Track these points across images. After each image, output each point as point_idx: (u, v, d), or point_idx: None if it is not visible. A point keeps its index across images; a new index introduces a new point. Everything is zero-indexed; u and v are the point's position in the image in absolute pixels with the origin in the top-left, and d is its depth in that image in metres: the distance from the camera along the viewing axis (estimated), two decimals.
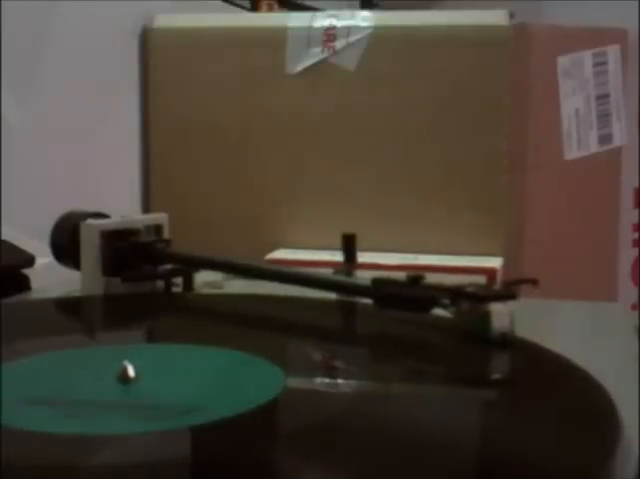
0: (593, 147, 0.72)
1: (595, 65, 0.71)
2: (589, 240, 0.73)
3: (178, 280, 0.51)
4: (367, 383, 0.35)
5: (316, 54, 0.71)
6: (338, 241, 0.51)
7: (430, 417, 0.30)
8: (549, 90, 0.70)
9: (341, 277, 0.48)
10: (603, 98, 0.72)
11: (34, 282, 0.53)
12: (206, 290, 0.52)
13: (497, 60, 0.68)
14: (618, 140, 0.73)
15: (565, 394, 0.32)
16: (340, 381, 0.36)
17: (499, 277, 0.64)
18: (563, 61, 0.70)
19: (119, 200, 0.72)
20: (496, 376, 0.38)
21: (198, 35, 0.74)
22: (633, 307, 0.75)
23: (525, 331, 0.38)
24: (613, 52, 0.71)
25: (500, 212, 0.69)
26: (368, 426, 0.29)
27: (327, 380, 0.36)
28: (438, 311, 0.42)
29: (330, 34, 0.71)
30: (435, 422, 0.30)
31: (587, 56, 0.71)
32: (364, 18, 0.71)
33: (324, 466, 0.26)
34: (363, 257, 0.52)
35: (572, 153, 0.71)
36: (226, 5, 0.92)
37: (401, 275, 0.44)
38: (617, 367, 0.37)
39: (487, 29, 0.69)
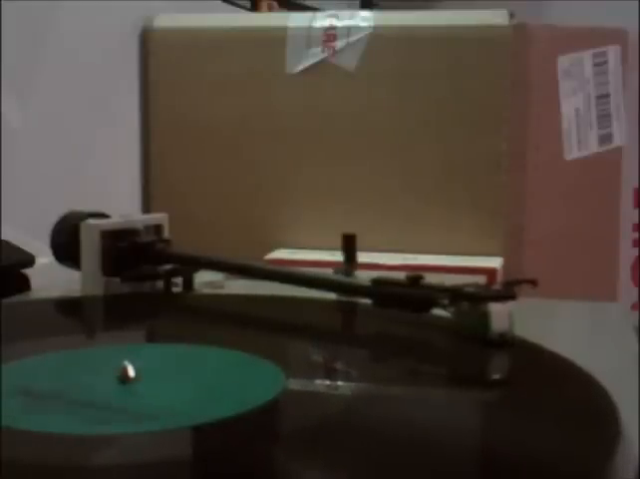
0: (593, 147, 0.72)
1: (595, 65, 0.71)
2: (589, 241, 0.73)
3: (178, 280, 0.51)
4: (367, 384, 0.35)
5: (316, 54, 0.71)
6: (338, 242, 0.51)
7: (430, 418, 0.30)
8: (549, 90, 0.70)
9: (341, 277, 0.48)
10: (603, 98, 0.72)
11: (34, 282, 0.53)
12: (206, 290, 0.52)
13: (497, 60, 0.68)
14: (618, 140, 0.73)
15: (565, 394, 0.32)
16: (340, 382, 0.36)
17: (499, 277, 0.64)
18: (563, 61, 0.70)
19: (119, 200, 0.72)
20: (496, 376, 0.38)
21: (198, 35, 0.74)
22: (633, 307, 0.75)
23: (525, 331, 0.38)
24: (613, 52, 0.71)
25: (500, 212, 0.69)
26: (368, 427, 0.29)
27: (327, 381, 0.36)
28: (438, 311, 0.42)
29: (330, 34, 0.71)
30: (435, 423, 0.30)
31: (587, 56, 0.70)
32: (364, 18, 0.71)
33: (324, 467, 0.26)
34: (363, 257, 0.52)
35: (572, 153, 0.71)
36: (226, 5, 0.92)
37: (401, 275, 0.44)
38: (617, 367, 0.37)
39: (487, 29, 0.69)
